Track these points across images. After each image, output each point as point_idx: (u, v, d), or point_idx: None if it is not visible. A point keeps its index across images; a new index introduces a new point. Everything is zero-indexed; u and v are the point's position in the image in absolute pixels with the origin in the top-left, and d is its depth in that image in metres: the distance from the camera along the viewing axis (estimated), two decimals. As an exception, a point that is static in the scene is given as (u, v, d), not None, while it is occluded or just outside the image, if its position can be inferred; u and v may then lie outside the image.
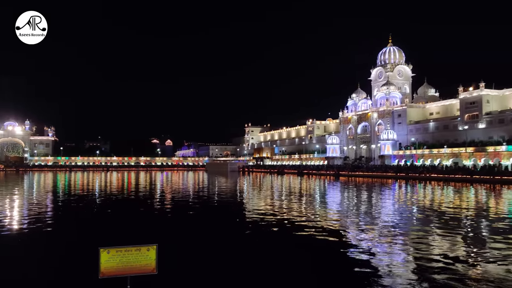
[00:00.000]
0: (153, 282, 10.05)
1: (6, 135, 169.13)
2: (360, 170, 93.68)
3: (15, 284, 11.79)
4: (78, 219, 25.87)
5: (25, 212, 28.55)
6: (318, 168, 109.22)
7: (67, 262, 14.21)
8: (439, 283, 11.63)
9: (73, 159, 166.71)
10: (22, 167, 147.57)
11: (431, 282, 11.70)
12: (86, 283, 11.12)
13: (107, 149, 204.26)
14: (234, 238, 18.53)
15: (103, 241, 11.01)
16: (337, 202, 37.39)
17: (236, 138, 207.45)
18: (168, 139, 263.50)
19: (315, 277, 12.48)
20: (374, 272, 12.68)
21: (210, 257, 14.72)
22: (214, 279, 11.99)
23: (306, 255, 15.29)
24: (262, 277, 12.33)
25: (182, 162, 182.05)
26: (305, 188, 54.56)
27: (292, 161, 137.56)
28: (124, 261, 8.05)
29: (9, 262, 14.34)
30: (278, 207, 31.04)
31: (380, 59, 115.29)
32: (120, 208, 32.30)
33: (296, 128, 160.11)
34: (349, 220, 24.81)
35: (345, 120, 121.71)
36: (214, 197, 41.97)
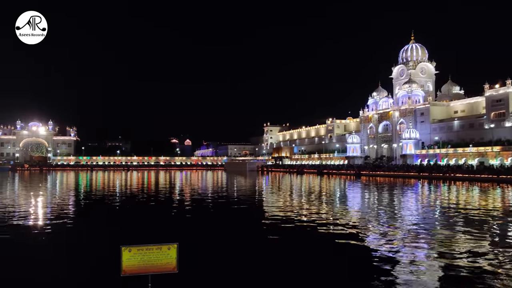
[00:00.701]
0: (174, 280, 10.00)
1: (30, 135, 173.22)
2: (381, 169, 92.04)
3: (39, 281, 11.79)
4: (100, 217, 26.29)
5: (48, 210, 29.07)
6: (338, 167, 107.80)
7: (89, 260, 14.30)
8: (465, 286, 11.20)
9: (94, 158, 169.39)
10: (45, 167, 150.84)
11: (456, 285, 11.30)
12: (109, 281, 11.07)
13: (127, 149, 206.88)
14: (254, 238, 18.32)
15: (124, 240, 11.23)
16: (359, 202, 36.60)
17: (255, 137, 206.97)
18: (187, 139, 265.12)
19: (335, 278, 12.32)
20: (396, 274, 12.30)
21: (229, 256, 14.63)
22: (234, 279, 11.91)
23: (326, 256, 15.05)
24: (281, 277, 12.20)
25: (201, 161, 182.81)
26: (325, 188, 53.69)
27: (311, 160, 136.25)
28: (145, 260, 8.09)
29: (33, 259, 14.42)
30: (298, 207, 30.52)
31: (402, 56, 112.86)
32: (141, 207, 32.31)
33: (315, 127, 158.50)
34: (371, 221, 24.09)
35: (365, 119, 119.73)
36: (234, 197, 41.61)
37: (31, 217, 25.45)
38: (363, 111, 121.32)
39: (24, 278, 12.27)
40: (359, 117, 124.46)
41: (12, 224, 22.31)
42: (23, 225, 22.07)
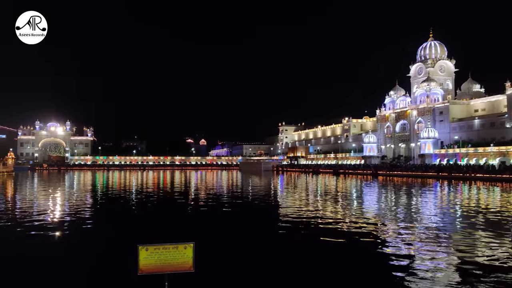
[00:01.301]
0: (190, 280, 10.02)
1: (48, 135, 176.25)
2: (399, 169, 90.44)
3: (56, 280, 11.82)
4: (117, 216, 26.37)
5: (66, 209, 29.27)
6: (355, 167, 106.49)
7: (106, 258, 14.37)
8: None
9: (110, 158, 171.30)
10: (63, 166, 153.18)
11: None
12: (126, 279, 11.09)
13: (143, 149, 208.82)
14: (269, 238, 18.10)
15: (141, 239, 11.23)
16: (375, 202, 35.83)
17: (270, 137, 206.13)
18: (202, 139, 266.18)
19: (351, 279, 12.11)
20: (413, 276, 11.97)
21: (245, 256, 14.55)
22: (249, 279, 11.88)
23: (342, 257, 14.77)
24: (296, 277, 12.11)
25: (216, 161, 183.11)
26: (341, 188, 52.91)
27: (327, 160, 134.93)
28: (162, 259, 8.11)
29: (51, 258, 14.49)
30: (314, 207, 29.97)
31: (420, 54, 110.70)
32: (157, 206, 32.28)
33: (331, 126, 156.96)
34: (388, 221, 23.40)
35: (382, 118, 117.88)
36: (249, 196, 41.22)
37: (49, 215, 25.73)
38: (380, 110, 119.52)
39: (41, 275, 12.32)
40: (376, 116, 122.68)
41: (30, 222, 22.42)
42: (41, 223, 22.14)
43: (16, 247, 16.45)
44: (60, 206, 31.22)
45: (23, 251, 15.74)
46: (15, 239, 18.13)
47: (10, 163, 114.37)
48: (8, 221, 23.04)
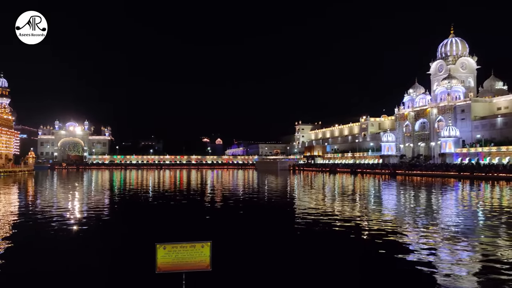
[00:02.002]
0: (208, 278, 10.03)
1: (67, 135, 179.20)
2: (418, 169, 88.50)
3: (75, 277, 11.87)
4: (134, 214, 26.40)
5: (85, 207, 29.54)
6: (373, 166, 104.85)
7: (125, 256, 14.41)
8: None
9: (128, 157, 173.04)
10: (81, 165, 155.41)
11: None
12: (145, 277, 11.16)
13: (160, 148, 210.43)
14: (286, 237, 17.89)
15: (158, 237, 11.25)
16: (394, 202, 34.83)
17: (286, 136, 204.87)
18: (218, 138, 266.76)
19: (370, 279, 11.88)
20: (433, 278, 11.62)
21: (262, 255, 14.44)
22: (266, 277, 11.80)
23: (360, 257, 14.38)
24: (313, 276, 11.99)
25: (232, 160, 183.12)
26: (359, 187, 51.93)
27: (344, 159, 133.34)
28: (180, 257, 8.14)
29: (69, 256, 14.53)
30: (331, 207, 29.34)
31: (441, 51, 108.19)
32: (174, 204, 32.18)
33: (349, 125, 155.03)
34: (408, 222, 22.62)
35: (401, 116, 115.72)
36: (265, 196, 40.76)
37: (68, 213, 25.97)
38: (399, 108, 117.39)
39: (60, 271, 12.44)
40: (394, 115, 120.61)
41: (50, 219, 22.59)
42: (61, 221, 22.36)
43: (37, 244, 16.61)
44: (79, 205, 31.53)
45: (43, 248, 15.93)
46: (36, 235, 18.41)
47: (31, 162, 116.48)
48: (29, 218, 23.40)
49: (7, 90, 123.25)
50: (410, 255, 14.42)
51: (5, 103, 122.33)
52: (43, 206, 30.01)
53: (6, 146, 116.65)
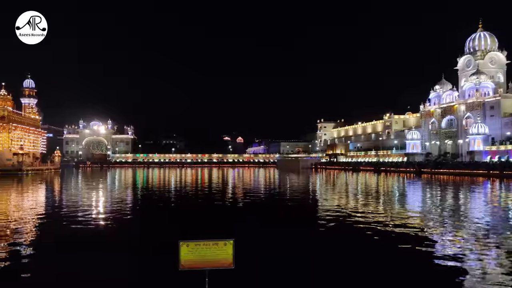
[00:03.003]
0: (230, 276, 10.01)
1: (91, 134, 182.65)
2: (445, 167, 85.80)
3: (99, 274, 11.92)
4: (157, 212, 26.59)
5: (110, 204, 30.34)
6: (397, 165, 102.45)
7: (149, 253, 14.50)
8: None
9: (150, 156, 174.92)
10: (105, 164, 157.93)
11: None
12: (168, 274, 11.16)
13: (181, 147, 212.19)
14: (308, 236, 17.72)
15: (181, 234, 11.18)
16: (420, 201, 33.67)
17: (308, 134, 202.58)
18: (239, 136, 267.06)
19: (395, 277, 11.63)
20: (461, 281, 11.27)
21: (284, 253, 14.30)
22: (289, 276, 11.70)
23: (384, 257, 14.05)
24: (335, 275, 11.84)
25: (253, 159, 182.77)
26: (383, 186, 50.63)
27: (368, 157, 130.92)
28: (202, 255, 8.15)
29: (93, 252, 14.69)
30: (354, 206, 28.70)
31: (469, 46, 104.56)
32: (196, 202, 32.38)
33: (372, 123, 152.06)
34: (434, 221, 21.82)
35: (427, 113, 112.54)
36: (287, 194, 40.24)
37: (93, 210, 26.59)
38: (424, 105, 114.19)
39: (84, 269, 12.54)
40: (420, 112, 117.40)
41: (75, 216, 22.96)
42: (86, 217, 22.77)
43: (63, 240, 16.96)
44: (105, 202, 32.26)
45: (70, 243, 16.41)
46: (62, 229, 19.07)
47: (57, 161, 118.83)
48: (55, 215, 24.15)
49: (34, 91, 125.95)
50: (436, 256, 13.81)
51: (32, 103, 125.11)
52: (70, 202, 31.07)
53: (34, 145, 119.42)
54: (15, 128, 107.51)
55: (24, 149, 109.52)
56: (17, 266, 12.85)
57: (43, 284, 11.27)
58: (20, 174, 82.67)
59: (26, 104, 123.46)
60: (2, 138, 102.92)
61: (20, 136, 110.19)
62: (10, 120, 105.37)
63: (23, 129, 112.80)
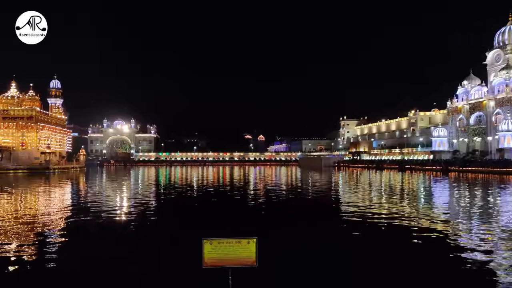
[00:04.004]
0: (254, 274, 9.99)
1: (115, 133, 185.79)
2: (473, 165, 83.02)
3: (122, 271, 11.98)
4: (180, 210, 26.73)
5: (134, 201, 30.61)
6: (423, 163, 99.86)
7: (172, 250, 14.55)
8: None
9: (173, 154, 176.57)
10: (129, 162, 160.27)
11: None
12: (192, 272, 11.03)
13: (203, 145, 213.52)
14: (332, 235, 17.44)
15: (204, 232, 11.27)
16: (447, 201, 32.33)
17: (330, 132, 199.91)
18: (261, 135, 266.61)
19: (422, 281, 11.17)
20: (491, 278, 11.02)
21: (308, 252, 14.09)
22: (312, 274, 11.61)
23: (410, 256, 13.71)
24: (360, 274, 11.63)
25: (274, 157, 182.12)
26: (408, 184, 49.28)
27: (392, 155, 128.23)
28: (226, 253, 8.14)
29: (117, 249, 14.84)
30: (378, 205, 27.90)
31: (498, 40, 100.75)
32: (219, 200, 32.25)
33: (396, 120, 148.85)
34: (462, 221, 20.93)
35: (454, 110, 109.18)
36: (309, 193, 39.67)
37: (117, 207, 27.06)
38: (451, 101, 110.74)
39: (108, 264, 12.67)
40: (447, 109, 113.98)
41: (98, 214, 23.19)
42: (110, 214, 23.22)
43: (89, 236, 17.47)
44: (129, 199, 32.67)
45: (96, 239, 16.86)
46: (88, 227, 19.46)
47: (82, 159, 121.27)
48: (82, 210, 24.98)
49: (60, 91, 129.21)
50: (465, 258, 13.19)
51: (58, 103, 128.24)
52: (96, 200, 31.56)
53: (60, 144, 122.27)
54: (43, 128, 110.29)
55: (51, 148, 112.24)
56: (45, 256, 13.54)
57: (68, 273, 11.84)
58: (47, 172, 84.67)
59: (52, 104, 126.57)
60: (30, 138, 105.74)
61: (47, 136, 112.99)
62: (38, 120, 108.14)
63: (50, 129, 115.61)
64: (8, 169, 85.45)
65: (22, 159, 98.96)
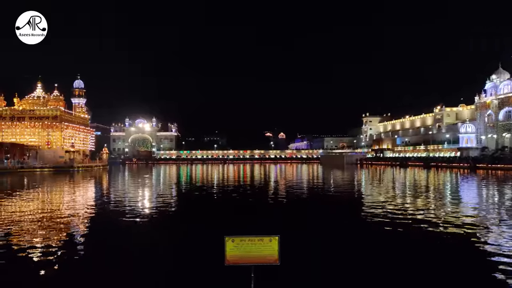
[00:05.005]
0: (276, 272, 10.04)
1: (137, 131, 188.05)
2: (503, 162, 79.94)
3: (145, 271, 11.81)
4: (202, 207, 26.62)
5: (157, 199, 30.99)
6: (449, 160, 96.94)
7: (194, 247, 14.57)
8: None
9: (193, 152, 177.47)
10: (150, 161, 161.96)
11: None
12: (214, 269, 11.00)
13: (223, 143, 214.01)
14: (355, 234, 17.09)
15: (226, 230, 10.46)
16: (476, 199, 30.89)
17: (353, 129, 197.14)
18: (281, 132, 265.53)
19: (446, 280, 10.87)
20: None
21: (331, 250, 14.02)
22: (335, 273, 11.52)
23: (435, 256, 13.21)
24: (382, 273, 11.43)
25: (295, 155, 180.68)
26: (434, 182, 47.76)
27: (416, 152, 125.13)
28: (248, 250, 8.17)
29: (139, 246, 14.85)
30: (402, 203, 26.87)
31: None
32: (240, 198, 32.01)
33: (421, 116, 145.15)
34: (491, 222, 19.75)
35: (482, 105, 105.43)
36: (332, 191, 38.85)
37: (140, 205, 27.50)
38: (479, 96, 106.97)
39: (133, 262, 12.69)
40: (474, 104, 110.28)
41: (121, 211, 23.68)
42: (131, 212, 23.23)
43: (112, 233, 17.77)
44: (152, 197, 33.06)
45: (120, 233, 17.55)
46: (111, 224, 19.93)
47: (105, 158, 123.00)
48: (107, 207, 25.72)
49: (83, 91, 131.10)
50: (490, 260, 12.60)
51: (82, 103, 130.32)
52: (120, 197, 32.38)
53: (83, 143, 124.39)
54: (67, 127, 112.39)
55: (75, 147, 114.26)
56: (71, 251, 14.15)
57: (95, 266, 12.35)
58: (71, 171, 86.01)
59: (76, 103, 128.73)
60: (55, 137, 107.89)
61: (71, 135, 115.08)
62: (62, 119, 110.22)
63: (74, 128, 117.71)
64: (35, 168, 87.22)
65: (47, 157, 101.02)
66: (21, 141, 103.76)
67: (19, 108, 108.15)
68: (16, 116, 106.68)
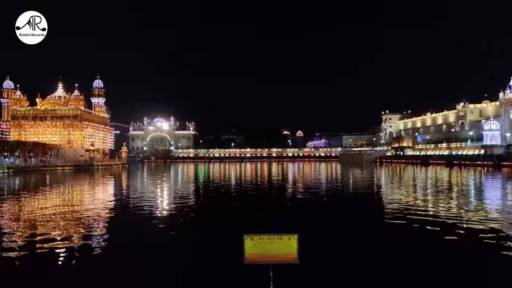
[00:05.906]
0: (295, 271, 9.92)
1: (155, 130, 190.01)
2: (529, 160, 77.31)
3: (164, 268, 11.82)
4: (221, 205, 26.59)
5: (175, 197, 31.33)
6: (472, 158, 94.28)
7: (213, 245, 14.56)
8: None
9: (211, 151, 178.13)
10: (168, 159, 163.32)
11: None
12: (233, 268, 10.95)
13: (241, 141, 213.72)
14: (375, 233, 16.78)
15: (245, 228, 10.70)
16: (500, 199, 29.64)
17: (372, 127, 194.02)
18: (299, 130, 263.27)
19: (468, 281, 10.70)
20: None
21: (350, 249, 13.83)
22: (354, 272, 11.40)
23: (456, 259, 12.84)
24: (404, 276, 11.13)
25: (313, 153, 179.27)
26: (457, 181, 46.45)
27: (438, 150, 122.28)
28: (267, 249, 8.11)
29: (159, 246, 14.72)
30: (424, 204, 26.02)
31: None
32: (258, 196, 31.96)
33: (443, 113, 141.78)
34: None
35: (507, 101, 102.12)
36: (351, 189, 38.23)
37: (159, 202, 27.79)
38: (504, 93, 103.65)
39: (152, 259, 12.62)
40: (499, 100, 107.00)
41: (140, 207, 23.95)
42: (151, 209, 23.53)
43: (130, 229, 18.06)
44: (170, 194, 33.35)
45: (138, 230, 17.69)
46: (131, 218, 20.62)
47: (124, 156, 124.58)
48: (127, 205, 26.15)
49: (102, 90, 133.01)
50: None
51: (101, 102, 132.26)
52: (139, 195, 32.70)
53: (103, 141, 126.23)
54: (87, 126, 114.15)
55: (95, 146, 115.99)
56: (92, 245, 14.64)
57: (112, 262, 12.64)
58: (91, 169, 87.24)
59: (95, 103, 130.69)
60: (76, 136, 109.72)
61: (91, 134, 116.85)
62: (83, 118, 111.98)
63: (94, 127, 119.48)
64: (56, 166, 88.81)
65: (68, 156, 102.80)
66: (43, 140, 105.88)
67: (41, 108, 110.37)
68: (39, 116, 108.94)
